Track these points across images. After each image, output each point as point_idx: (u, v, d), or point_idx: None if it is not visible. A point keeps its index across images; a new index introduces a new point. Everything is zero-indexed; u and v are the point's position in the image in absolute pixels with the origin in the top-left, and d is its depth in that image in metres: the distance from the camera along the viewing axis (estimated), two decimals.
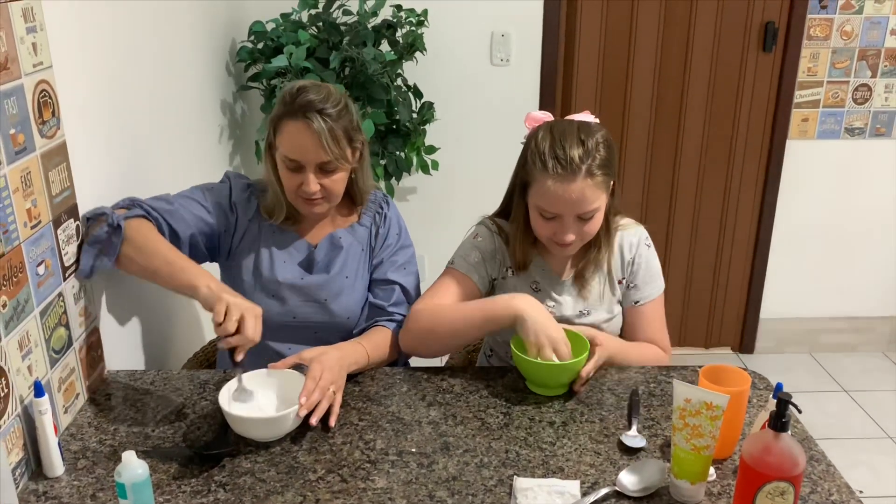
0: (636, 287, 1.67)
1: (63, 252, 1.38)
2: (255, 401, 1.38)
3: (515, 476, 1.25)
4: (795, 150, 3.10)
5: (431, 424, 1.39)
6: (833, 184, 3.16)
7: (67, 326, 1.39)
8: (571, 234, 1.53)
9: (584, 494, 1.20)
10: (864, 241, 3.25)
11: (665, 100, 3.04)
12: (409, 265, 1.71)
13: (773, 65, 2.99)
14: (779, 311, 3.35)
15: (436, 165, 2.80)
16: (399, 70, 2.67)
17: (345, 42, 2.49)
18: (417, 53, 2.71)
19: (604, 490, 1.20)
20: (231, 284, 1.65)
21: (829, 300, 3.34)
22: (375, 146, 2.61)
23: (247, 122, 2.77)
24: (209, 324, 2.17)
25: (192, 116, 2.23)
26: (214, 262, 1.71)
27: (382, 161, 2.65)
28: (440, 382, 1.53)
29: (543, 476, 1.25)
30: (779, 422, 1.06)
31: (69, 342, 1.40)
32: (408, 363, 1.72)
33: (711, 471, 1.24)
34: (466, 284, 1.62)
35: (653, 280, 1.68)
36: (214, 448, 1.29)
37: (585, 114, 1.59)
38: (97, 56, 1.55)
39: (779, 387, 1.23)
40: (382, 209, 1.72)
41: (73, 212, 1.42)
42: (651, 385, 1.53)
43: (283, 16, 2.60)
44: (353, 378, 1.53)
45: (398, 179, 2.77)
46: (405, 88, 2.72)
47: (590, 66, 2.98)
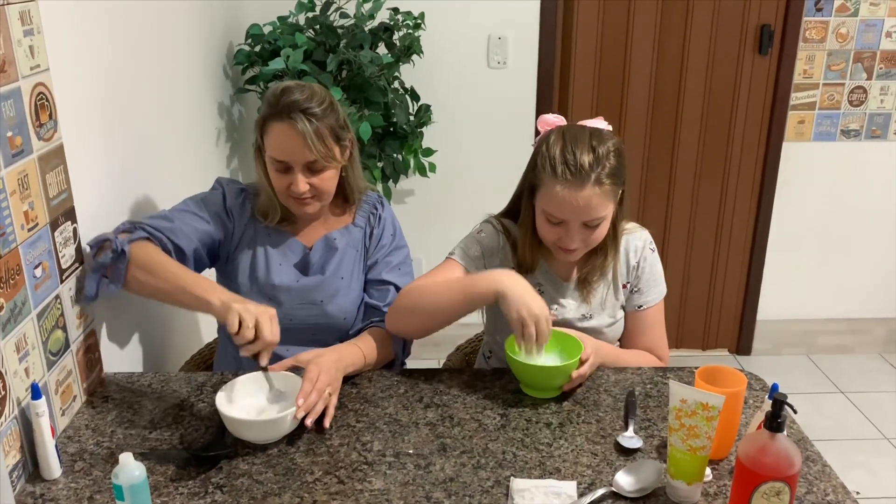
0: (640, 291, 1.67)
1: (60, 254, 1.38)
2: (288, 400, 1.38)
3: (512, 477, 1.25)
4: (791, 152, 3.10)
5: (428, 426, 1.39)
6: (829, 185, 3.17)
7: (64, 329, 1.39)
8: (576, 242, 1.52)
9: (581, 495, 1.20)
10: (861, 243, 3.26)
11: (661, 102, 3.04)
12: (404, 266, 1.72)
13: (769, 67, 3.00)
14: (775, 313, 3.35)
15: (433, 168, 2.80)
16: (396, 73, 2.68)
17: (342, 45, 2.50)
18: (414, 56, 2.72)
19: (600, 491, 1.21)
20: (227, 287, 1.65)
21: (826, 302, 3.35)
22: (373, 148, 2.62)
23: (244, 125, 2.77)
24: (207, 326, 2.19)
25: (190, 119, 2.23)
26: (212, 268, 1.71)
27: (380, 163, 2.66)
28: (437, 384, 1.53)
29: (540, 477, 1.25)
30: (774, 422, 1.06)
31: (66, 344, 1.40)
32: (405, 364, 1.72)
33: (708, 471, 1.24)
34: (460, 274, 1.60)
35: (656, 285, 1.68)
36: (212, 450, 1.29)
37: (598, 120, 1.57)
38: (94, 59, 1.55)
39: (774, 387, 1.24)
40: (377, 210, 1.72)
41: (71, 214, 1.42)
42: (647, 386, 1.53)
43: (281, 19, 2.60)
44: (350, 380, 1.53)
45: (395, 182, 2.77)
46: (402, 91, 2.73)
47: (586, 69, 2.99)
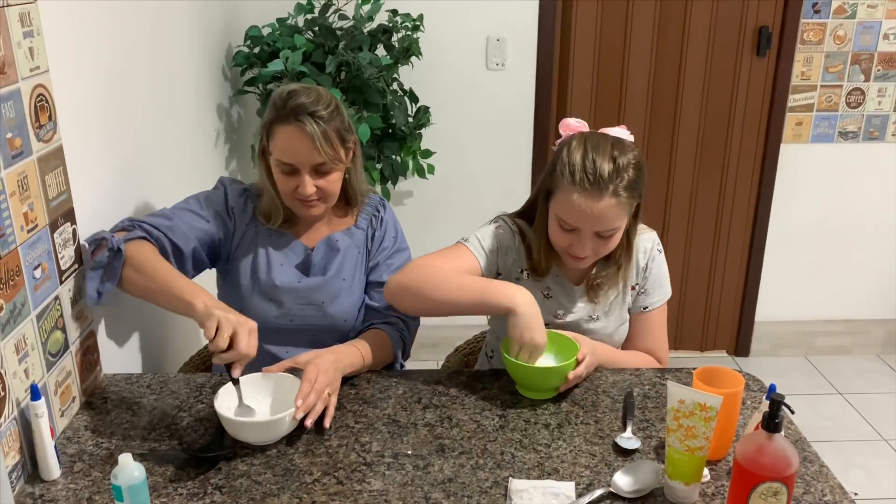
0: (646, 293, 1.67)
1: (59, 256, 1.38)
2: (255, 414, 1.38)
3: (511, 478, 1.25)
4: (789, 154, 3.11)
5: (427, 427, 1.40)
6: (827, 187, 3.17)
7: (64, 330, 1.39)
8: (587, 250, 1.51)
9: (580, 496, 1.21)
10: (859, 245, 3.27)
11: (660, 104, 3.05)
12: None
13: (767, 69, 3.01)
14: (774, 314, 3.36)
15: (431, 169, 2.81)
16: (395, 74, 2.68)
17: (341, 46, 2.50)
18: (413, 58, 2.72)
19: (598, 491, 1.21)
20: (229, 288, 1.66)
21: (824, 303, 3.36)
22: (372, 150, 2.62)
23: (243, 127, 2.77)
24: None
25: (189, 121, 2.23)
26: (213, 268, 1.71)
27: (378, 165, 2.66)
28: (436, 385, 1.53)
29: (539, 478, 1.25)
30: (772, 422, 1.07)
31: (65, 345, 1.40)
32: (403, 366, 1.72)
33: (705, 472, 1.24)
34: (471, 264, 1.58)
35: (661, 286, 1.68)
36: (211, 451, 1.29)
37: (622, 128, 1.55)
38: (94, 60, 1.55)
39: (772, 388, 1.24)
40: (379, 212, 1.73)
41: (70, 215, 1.43)
42: (645, 387, 1.53)
43: (280, 20, 2.61)
44: (349, 381, 1.53)
45: (394, 183, 2.78)
46: (401, 93, 2.73)
47: (585, 71, 2.99)
